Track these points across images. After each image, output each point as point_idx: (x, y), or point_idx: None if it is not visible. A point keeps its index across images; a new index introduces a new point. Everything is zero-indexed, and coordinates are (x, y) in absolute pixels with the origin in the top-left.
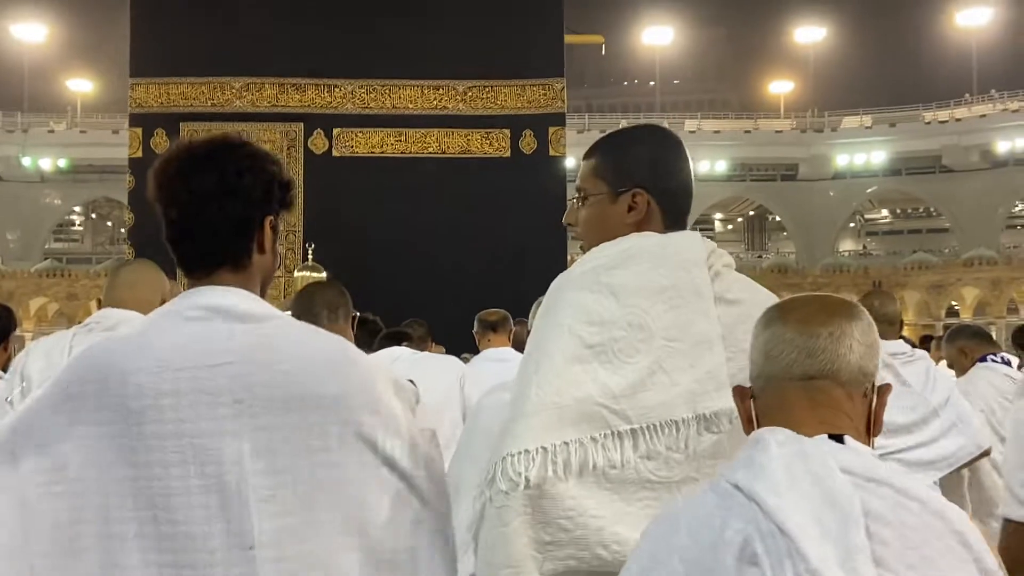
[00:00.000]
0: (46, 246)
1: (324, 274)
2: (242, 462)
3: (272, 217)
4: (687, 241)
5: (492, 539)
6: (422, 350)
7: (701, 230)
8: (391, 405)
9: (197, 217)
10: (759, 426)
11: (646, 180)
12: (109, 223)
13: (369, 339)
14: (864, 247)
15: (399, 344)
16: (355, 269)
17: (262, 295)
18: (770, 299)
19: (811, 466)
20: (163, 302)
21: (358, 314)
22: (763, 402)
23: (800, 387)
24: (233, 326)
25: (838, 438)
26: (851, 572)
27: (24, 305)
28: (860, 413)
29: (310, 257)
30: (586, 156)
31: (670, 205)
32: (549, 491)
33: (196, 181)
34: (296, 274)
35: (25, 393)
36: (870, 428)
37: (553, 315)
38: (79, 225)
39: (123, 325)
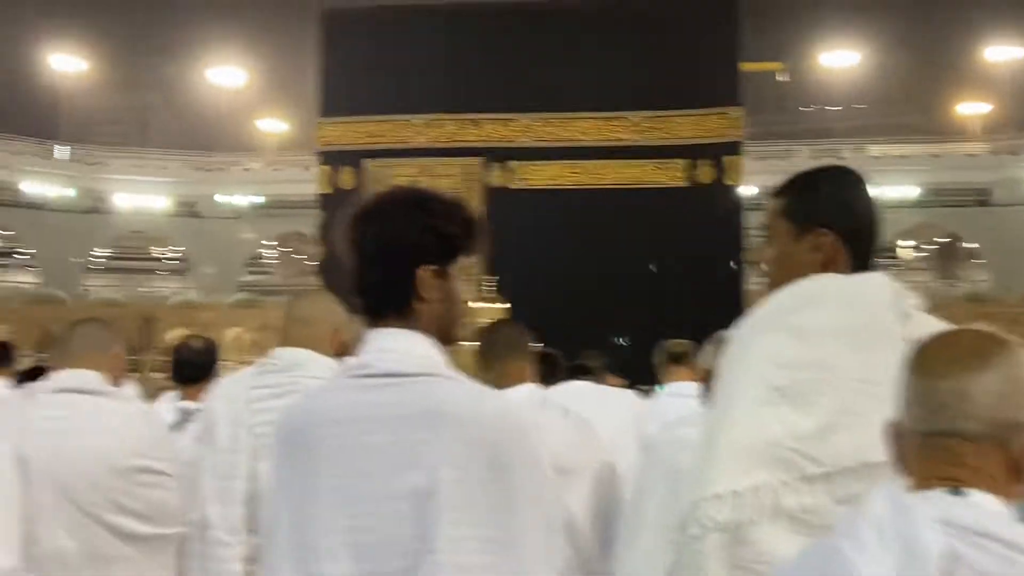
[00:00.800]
0: (240, 279)
1: (503, 305)
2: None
3: (432, 267)
4: (874, 282)
5: None
6: (600, 382)
7: (888, 259)
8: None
9: (356, 272)
10: (908, 472)
11: (831, 220)
12: (300, 257)
13: (551, 373)
14: None
15: (579, 378)
16: (533, 301)
17: (443, 340)
18: None
19: (900, 522)
20: (337, 336)
21: (540, 349)
22: (904, 446)
23: (920, 440)
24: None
25: (957, 490)
26: None
27: (220, 335)
28: (998, 463)
29: (491, 289)
30: (774, 195)
31: (855, 245)
32: (742, 536)
33: (359, 237)
34: (508, 320)
35: (211, 435)
36: (1016, 476)
37: (739, 357)
38: (270, 258)
39: (298, 367)
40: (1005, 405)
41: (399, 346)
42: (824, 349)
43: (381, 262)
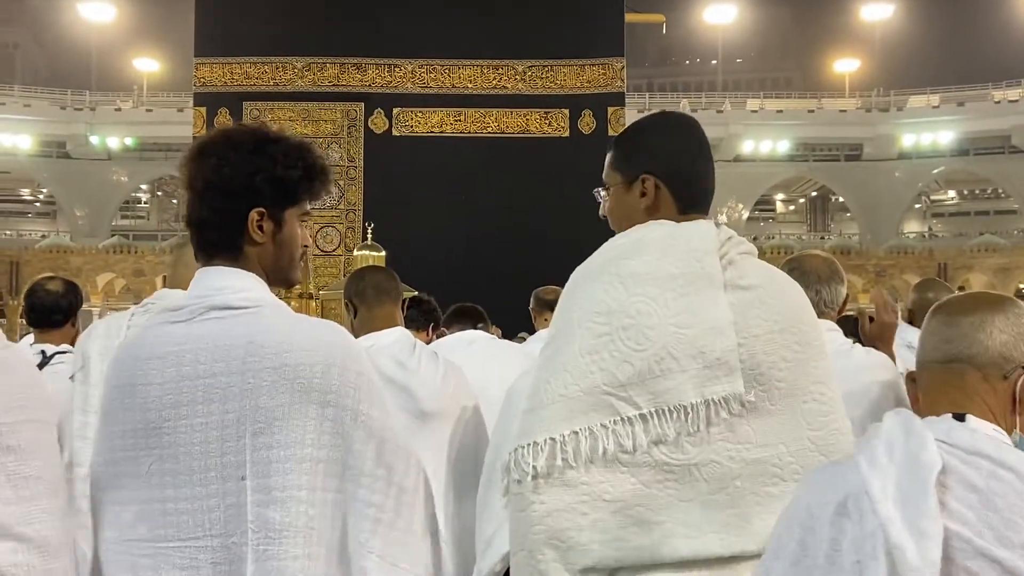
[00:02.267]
0: (113, 223)
1: (383, 253)
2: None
3: (261, 209)
4: (698, 229)
5: (512, 524)
6: (486, 331)
7: (762, 211)
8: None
9: (192, 208)
10: (921, 407)
11: (654, 165)
12: (175, 201)
13: (423, 319)
14: (930, 229)
15: (474, 326)
16: (414, 248)
17: (275, 282)
18: (788, 283)
19: (909, 440)
20: None
21: (411, 296)
22: (919, 385)
23: (938, 370)
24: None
25: (960, 417)
26: (916, 529)
27: (92, 281)
28: (1001, 395)
29: (370, 236)
30: (608, 151)
31: (681, 190)
32: (560, 479)
33: (192, 173)
34: (356, 253)
35: (86, 372)
36: (1015, 408)
37: (565, 309)
38: (145, 203)
39: None
40: (1013, 345)
41: (225, 283)
42: (646, 295)
43: (212, 201)
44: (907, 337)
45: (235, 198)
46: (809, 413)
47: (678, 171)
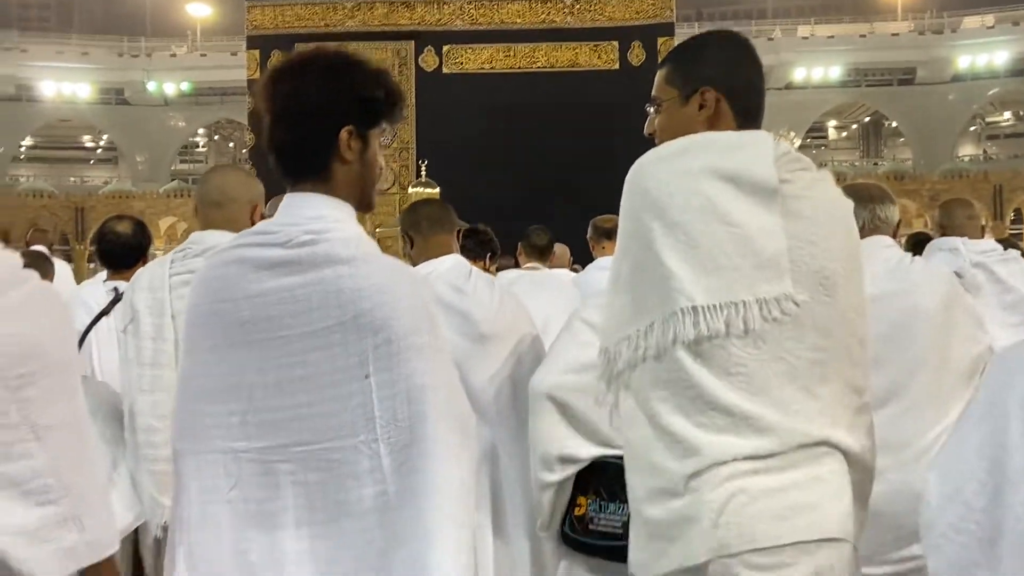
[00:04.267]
0: (172, 167)
1: (437, 189)
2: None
3: (351, 128)
4: (757, 138)
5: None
6: (546, 257)
7: (814, 139)
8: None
9: (276, 131)
10: None
11: (713, 79)
12: (231, 144)
13: (479, 249)
14: (985, 151)
15: (510, 267)
16: (467, 184)
17: (360, 205)
18: (840, 198)
19: None
20: (256, 211)
21: (465, 226)
22: None
23: None
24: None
25: None
26: None
27: (154, 224)
28: None
29: (423, 173)
30: (660, 66)
31: (739, 104)
32: (661, 361)
33: (277, 96)
34: (410, 190)
35: (136, 325)
36: None
37: (626, 212)
38: (203, 147)
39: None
40: None
41: (320, 212)
42: (703, 194)
43: (300, 122)
44: (945, 244)
45: (325, 118)
46: (851, 322)
47: (736, 84)
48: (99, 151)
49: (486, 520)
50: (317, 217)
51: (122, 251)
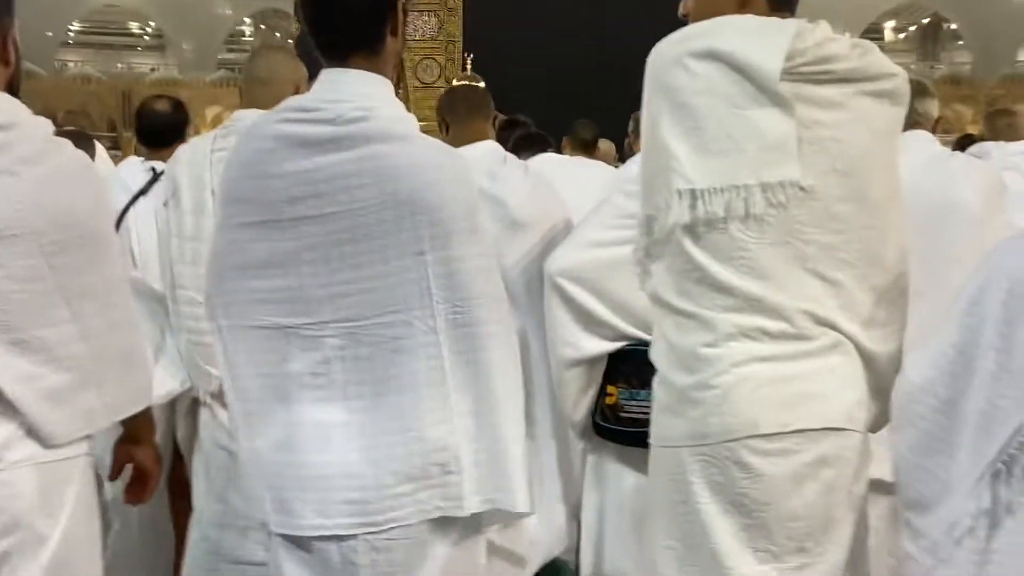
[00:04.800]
0: (219, 56)
1: (482, 84)
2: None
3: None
4: (780, 26)
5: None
6: (592, 152)
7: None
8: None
9: (328, 2)
10: None
11: None
12: (277, 34)
13: (520, 141)
14: None
15: (544, 150)
16: (515, 77)
17: (395, 81)
18: (880, 62)
19: None
20: (299, 91)
21: (503, 116)
22: None
23: None
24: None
25: None
26: None
27: (200, 113)
28: None
29: (469, 67)
30: None
31: None
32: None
33: None
34: (455, 84)
35: (177, 199)
36: None
37: (645, 96)
38: (250, 36)
39: None
40: None
41: (366, 89)
42: (708, 75)
43: None
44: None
45: None
46: (874, 213)
47: None
48: (146, 38)
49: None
50: (367, 94)
51: (161, 128)
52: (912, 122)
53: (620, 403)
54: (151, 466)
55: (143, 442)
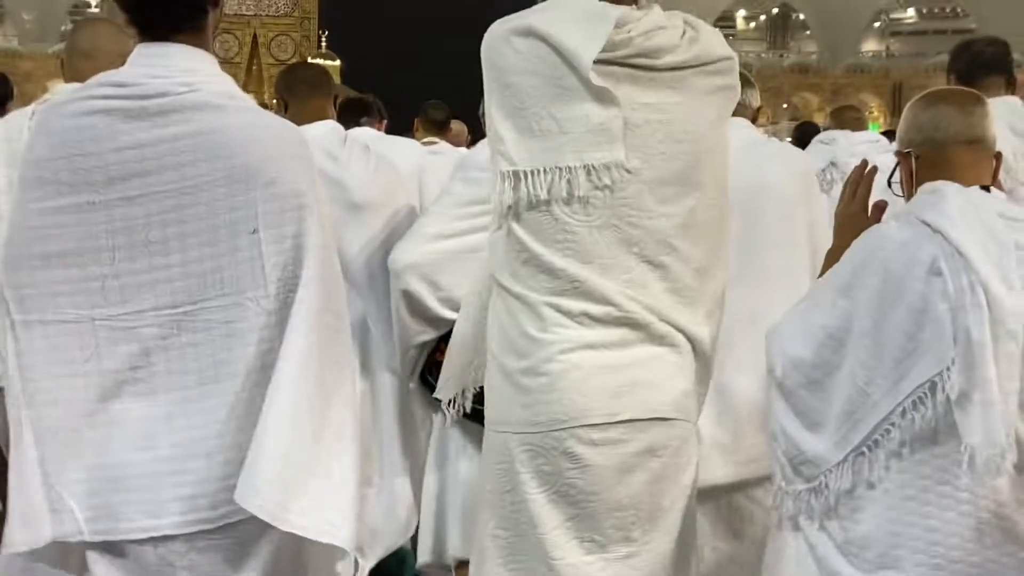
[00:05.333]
0: (63, 28)
1: (337, 62)
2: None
3: None
4: (604, 11)
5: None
6: (443, 133)
7: (723, 27)
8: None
9: None
10: (917, 181)
11: None
12: None
13: (354, 113)
14: (887, 48)
15: (358, 121)
16: (371, 56)
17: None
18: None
19: (978, 211)
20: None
21: (350, 96)
22: (927, 161)
23: (965, 149)
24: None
25: (986, 188)
26: (1008, 285)
27: (42, 86)
28: (989, 173)
29: (323, 45)
30: None
31: None
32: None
33: None
34: (309, 61)
35: None
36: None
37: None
38: (95, 7)
39: None
40: (993, 129)
41: (190, 64)
42: (532, 54)
43: None
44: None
45: None
46: (710, 199)
47: None
48: None
49: (356, 387)
50: (192, 70)
51: None
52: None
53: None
54: None
55: None
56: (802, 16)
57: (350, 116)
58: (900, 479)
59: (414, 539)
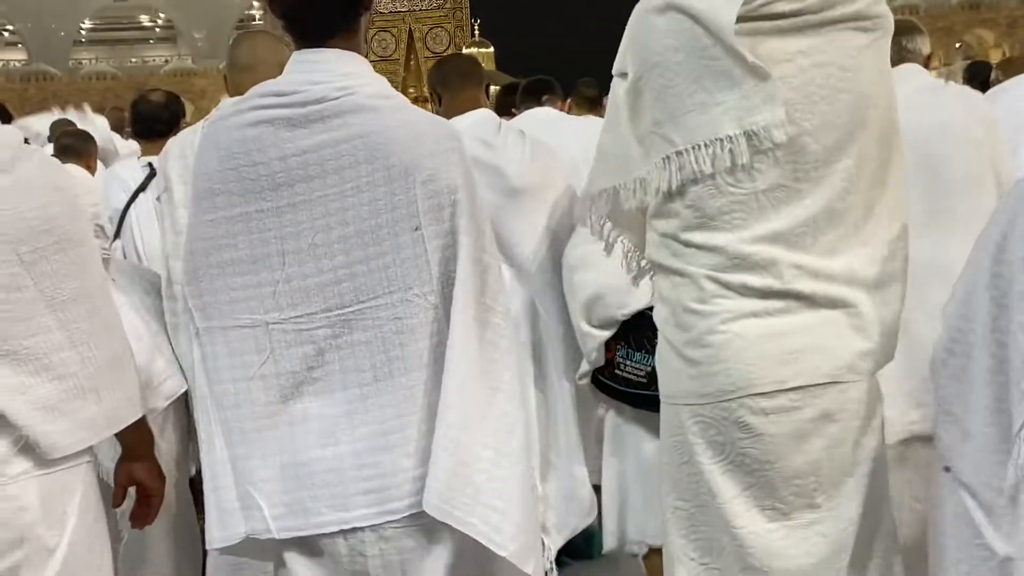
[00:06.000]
0: (231, 43)
1: (491, 49)
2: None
3: None
4: None
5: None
6: (596, 109)
7: None
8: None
9: None
10: None
11: None
12: None
13: (524, 91)
14: None
15: (540, 101)
16: (524, 40)
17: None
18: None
19: None
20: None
21: (506, 82)
22: None
23: None
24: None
25: None
26: None
27: (216, 101)
28: None
29: (477, 33)
30: None
31: None
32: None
33: None
34: (464, 50)
35: (170, 194)
36: None
37: (619, 55)
38: (259, 20)
39: None
40: None
41: (346, 68)
42: (676, 29)
43: None
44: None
45: None
46: (866, 149)
47: None
48: (157, 30)
49: (529, 372)
50: (347, 73)
51: (153, 119)
52: (900, 59)
53: (618, 360)
54: (153, 484)
55: (142, 457)
56: None
57: (533, 95)
58: None
59: (600, 520)
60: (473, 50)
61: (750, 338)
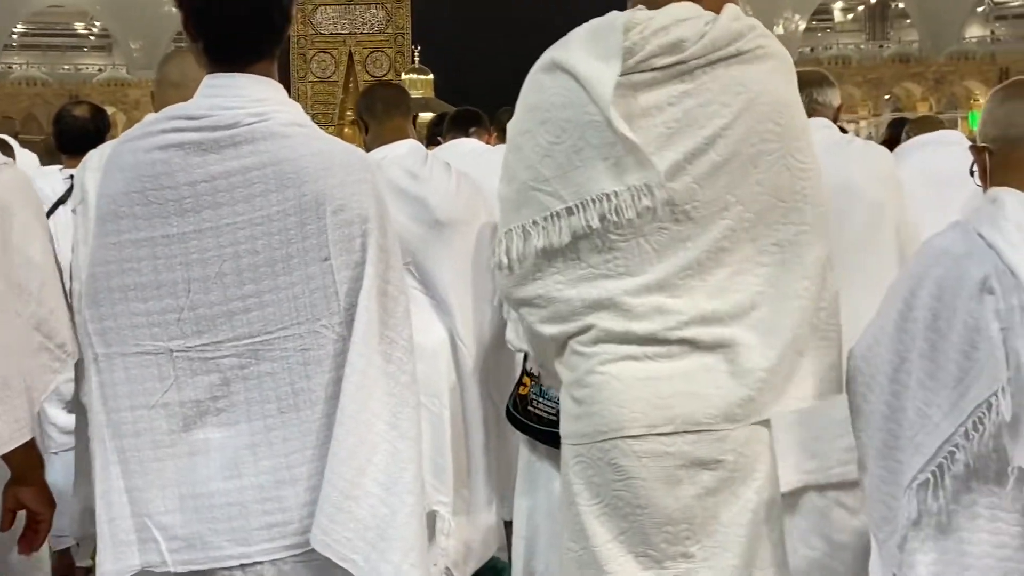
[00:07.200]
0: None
1: (430, 76)
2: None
3: None
4: (611, 23)
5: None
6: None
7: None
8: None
9: (224, 5)
10: (992, 177)
11: None
12: None
13: (464, 123)
14: (992, 32)
15: (467, 132)
16: (463, 68)
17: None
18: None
19: None
20: None
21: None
22: (999, 160)
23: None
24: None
25: None
26: None
27: (150, 111)
28: None
29: (416, 60)
30: None
31: None
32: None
33: None
34: (403, 77)
35: (86, 205)
36: None
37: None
38: None
39: None
40: None
41: (261, 94)
42: (563, 87)
43: None
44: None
45: None
46: (756, 198)
47: None
48: (92, 38)
49: (445, 405)
50: (261, 99)
51: (78, 135)
52: (811, 111)
53: (531, 396)
54: (42, 509)
55: (31, 482)
56: (901, 5)
57: (459, 127)
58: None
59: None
60: (412, 76)
61: (626, 380)
